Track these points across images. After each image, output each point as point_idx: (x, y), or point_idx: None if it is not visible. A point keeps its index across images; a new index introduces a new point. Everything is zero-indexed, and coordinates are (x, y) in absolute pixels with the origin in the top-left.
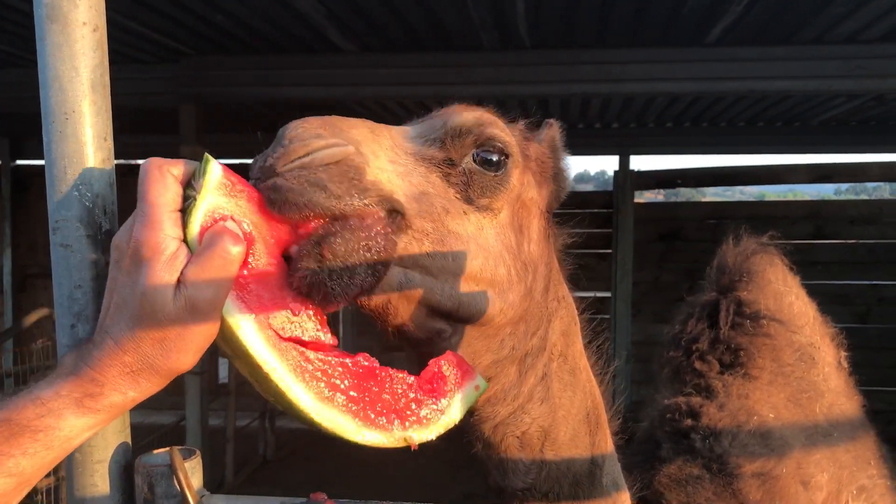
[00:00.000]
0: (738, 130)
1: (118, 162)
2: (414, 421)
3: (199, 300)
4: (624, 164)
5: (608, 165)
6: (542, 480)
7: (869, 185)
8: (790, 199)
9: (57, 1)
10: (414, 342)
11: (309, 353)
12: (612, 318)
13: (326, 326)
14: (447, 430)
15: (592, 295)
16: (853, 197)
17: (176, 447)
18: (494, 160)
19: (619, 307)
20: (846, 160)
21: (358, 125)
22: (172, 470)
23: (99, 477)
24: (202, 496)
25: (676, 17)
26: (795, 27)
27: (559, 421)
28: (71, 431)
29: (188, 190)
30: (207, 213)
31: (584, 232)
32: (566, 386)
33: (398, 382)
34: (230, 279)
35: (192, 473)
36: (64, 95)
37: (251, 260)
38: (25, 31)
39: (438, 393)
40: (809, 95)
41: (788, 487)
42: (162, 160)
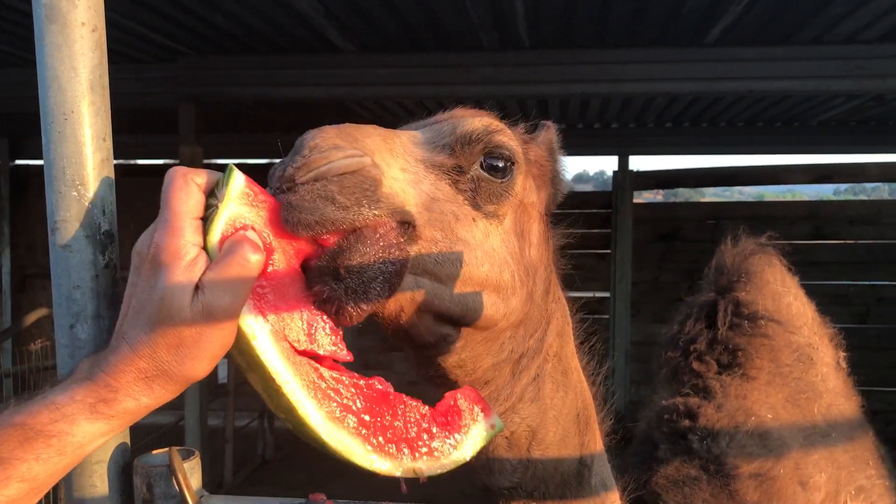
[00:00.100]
0: (737, 131)
1: (117, 162)
2: (425, 452)
3: (216, 307)
4: (623, 164)
5: (607, 165)
6: (528, 480)
7: (868, 185)
8: (789, 199)
9: (56, 1)
10: (419, 345)
11: (323, 370)
12: (611, 318)
13: (342, 342)
14: (457, 466)
15: (591, 295)
16: (852, 197)
17: (175, 448)
18: (501, 167)
19: (618, 307)
20: (845, 160)
21: (371, 134)
22: (171, 470)
23: (98, 477)
24: (201, 497)
25: (676, 17)
26: (795, 27)
27: (549, 421)
28: (84, 437)
29: (210, 199)
30: (228, 221)
31: (583, 232)
32: (559, 386)
33: (411, 411)
34: (248, 287)
35: (190, 474)
36: (63, 96)
37: (270, 270)
38: (24, 31)
39: (453, 427)
40: (809, 95)
41: (786, 488)
42: (186, 168)
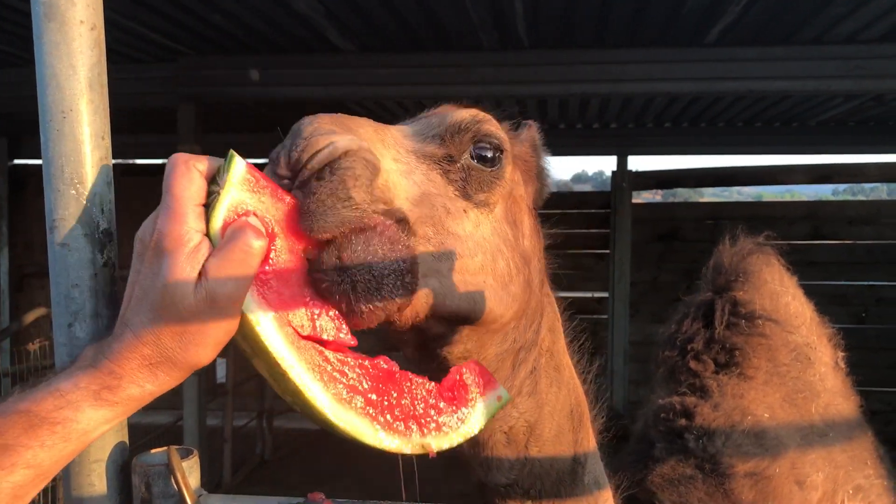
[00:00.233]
0: (736, 131)
1: (116, 162)
2: (433, 428)
3: (219, 294)
4: (622, 164)
5: (606, 166)
6: (524, 477)
7: (867, 185)
8: (788, 199)
9: None
10: (427, 339)
11: (328, 352)
12: (609, 318)
13: (346, 326)
14: (466, 439)
15: (590, 295)
16: (851, 197)
17: (173, 447)
18: (490, 156)
19: (616, 307)
20: (844, 161)
21: (363, 124)
22: (170, 469)
23: (96, 476)
24: (199, 496)
25: (675, 17)
26: (794, 27)
27: (545, 417)
28: (88, 424)
29: (212, 185)
30: (230, 208)
31: (581, 232)
32: (552, 382)
33: (418, 388)
34: (251, 274)
35: (189, 473)
36: (62, 94)
37: (273, 256)
38: (23, 30)
39: (459, 401)
40: (808, 96)
41: (782, 487)
42: (188, 155)
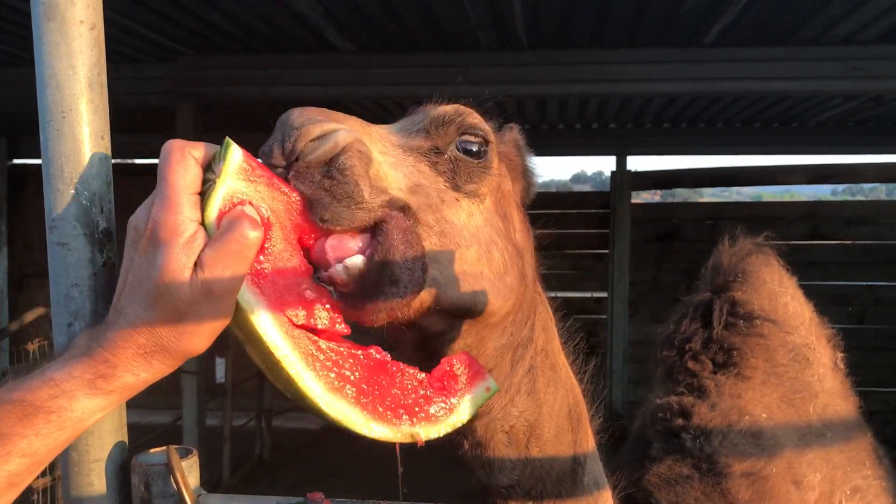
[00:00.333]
0: (735, 131)
1: (115, 161)
2: (422, 418)
3: (214, 284)
4: (621, 164)
5: (605, 166)
6: (526, 477)
7: (865, 186)
8: (787, 199)
9: None
10: (428, 336)
11: (321, 342)
12: (608, 318)
13: (340, 315)
14: (455, 429)
15: (589, 295)
16: (850, 198)
17: (173, 446)
18: (476, 149)
19: (616, 307)
20: (843, 161)
21: (349, 118)
22: (169, 469)
23: (95, 476)
24: (199, 495)
25: (674, 17)
26: (793, 28)
27: (544, 416)
28: (83, 413)
29: (208, 173)
30: (226, 197)
31: (581, 232)
32: (549, 381)
33: (408, 378)
34: (247, 264)
35: (188, 473)
36: (61, 93)
37: (268, 246)
38: (22, 29)
39: (449, 391)
40: (807, 96)
41: (779, 487)
42: (184, 142)
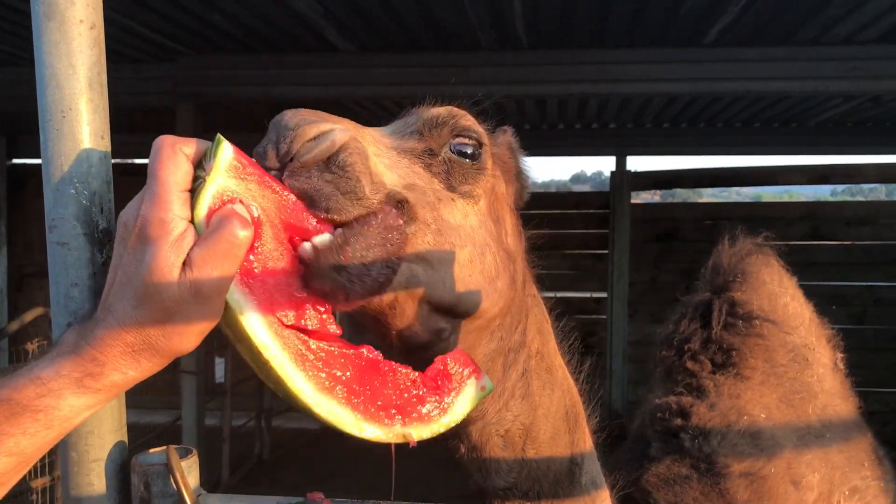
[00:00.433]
0: (735, 131)
1: (115, 161)
2: (415, 418)
3: (204, 283)
4: (621, 164)
5: (605, 166)
6: (523, 479)
7: (865, 186)
8: (786, 200)
9: None
10: (415, 347)
11: (311, 342)
12: (608, 318)
13: (331, 316)
14: (448, 429)
15: (589, 295)
16: (849, 198)
17: (172, 446)
18: (470, 151)
19: (615, 307)
20: (843, 161)
21: (343, 120)
22: (169, 469)
23: (95, 476)
24: (198, 495)
25: (674, 17)
26: (793, 28)
27: (539, 419)
28: (70, 411)
29: (198, 170)
30: (216, 194)
31: (580, 233)
32: (545, 384)
33: (401, 377)
34: (236, 263)
35: (188, 472)
36: (61, 93)
37: (258, 245)
38: (22, 29)
39: (442, 391)
40: (806, 96)
41: (777, 487)
42: (175, 138)
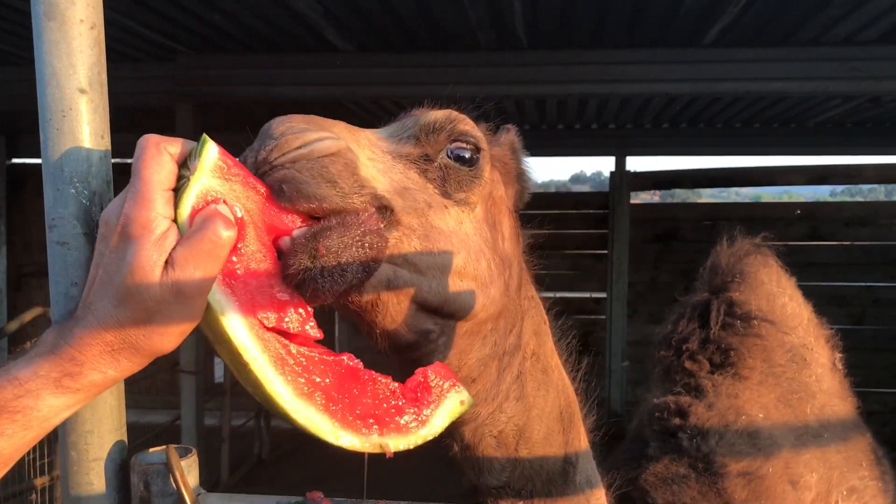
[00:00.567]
0: (734, 132)
1: (115, 161)
2: (393, 428)
3: (185, 283)
4: (620, 164)
5: (604, 166)
6: (515, 478)
7: (864, 186)
8: (786, 200)
9: None
10: (402, 346)
11: (292, 346)
12: (607, 318)
13: (313, 319)
14: (426, 441)
15: (588, 295)
16: (848, 199)
17: (172, 445)
18: (468, 156)
19: (614, 307)
20: (842, 162)
21: (337, 124)
22: (168, 468)
23: (95, 475)
24: (198, 494)
25: (674, 17)
26: (792, 28)
27: (533, 419)
28: (49, 412)
29: (183, 169)
30: (200, 194)
31: (580, 233)
32: (539, 385)
33: (381, 387)
34: (219, 263)
35: (188, 472)
36: (61, 93)
37: (241, 246)
38: (22, 29)
39: (421, 403)
40: (806, 97)
41: (775, 487)
42: (159, 137)
